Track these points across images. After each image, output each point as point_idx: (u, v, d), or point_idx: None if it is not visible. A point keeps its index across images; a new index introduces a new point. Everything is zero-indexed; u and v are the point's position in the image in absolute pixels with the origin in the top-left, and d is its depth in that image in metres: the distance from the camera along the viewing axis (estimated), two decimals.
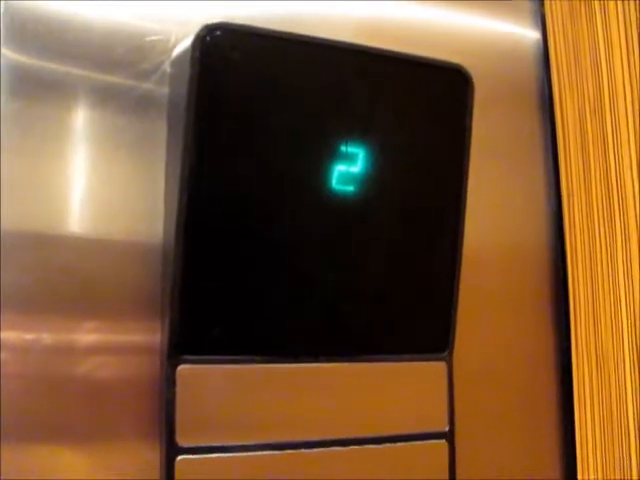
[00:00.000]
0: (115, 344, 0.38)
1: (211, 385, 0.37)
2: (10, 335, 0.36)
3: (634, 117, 0.50)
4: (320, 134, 0.39)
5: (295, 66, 0.38)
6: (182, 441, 0.36)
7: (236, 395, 0.37)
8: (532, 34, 0.54)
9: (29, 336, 0.36)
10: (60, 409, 0.36)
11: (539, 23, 0.54)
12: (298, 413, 0.39)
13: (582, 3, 0.54)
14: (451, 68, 0.42)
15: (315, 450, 0.39)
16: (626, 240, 0.50)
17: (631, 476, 0.47)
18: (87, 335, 0.37)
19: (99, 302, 0.38)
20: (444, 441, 0.42)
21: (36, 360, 0.36)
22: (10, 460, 0.35)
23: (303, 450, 0.38)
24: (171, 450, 0.36)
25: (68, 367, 0.37)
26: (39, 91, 0.38)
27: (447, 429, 0.42)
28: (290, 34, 0.38)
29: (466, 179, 0.43)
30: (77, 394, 0.37)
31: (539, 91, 0.53)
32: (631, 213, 0.49)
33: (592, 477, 0.49)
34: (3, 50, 0.37)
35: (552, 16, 0.54)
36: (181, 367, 0.36)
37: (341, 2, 0.46)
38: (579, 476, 0.49)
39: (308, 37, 0.38)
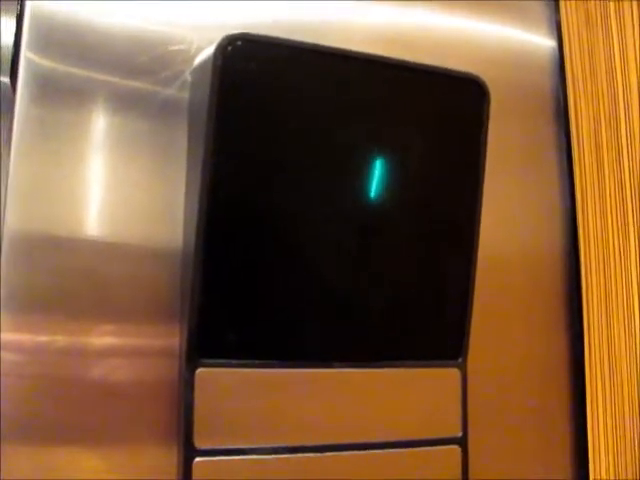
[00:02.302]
0: (132, 347, 0.39)
1: (229, 388, 0.37)
2: (27, 337, 0.36)
3: None
4: (337, 143, 0.39)
5: (313, 76, 0.39)
6: (199, 443, 0.37)
7: (253, 398, 0.38)
8: (547, 42, 0.54)
9: (47, 338, 0.37)
10: (77, 412, 0.37)
11: (554, 31, 0.54)
12: (314, 417, 0.39)
13: (598, 11, 0.54)
14: (468, 79, 0.42)
15: (330, 454, 0.39)
16: (639, 243, 0.50)
17: None
18: (104, 338, 0.38)
19: (117, 305, 0.38)
20: (457, 446, 0.42)
21: (53, 363, 0.37)
22: (27, 461, 0.36)
23: (318, 454, 0.39)
24: (188, 452, 0.36)
25: (85, 370, 0.37)
26: (62, 96, 0.38)
27: (460, 435, 0.42)
28: (309, 44, 0.38)
29: (481, 188, 0.43)
30: (94, 397, 0.37)
31: (554, 99, 0.53)
32: None
33: (604, 477, 0.49)
34: (29, 55, 0.38)
35: (568, 24, 0.54)
36: (200, 370, 0.37)
37: (356, 11, 0.46)
38: (591, 477, 0.49)
39: (327, 47, 0.39)
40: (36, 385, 0.36)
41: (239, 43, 0.36)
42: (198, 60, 0.40)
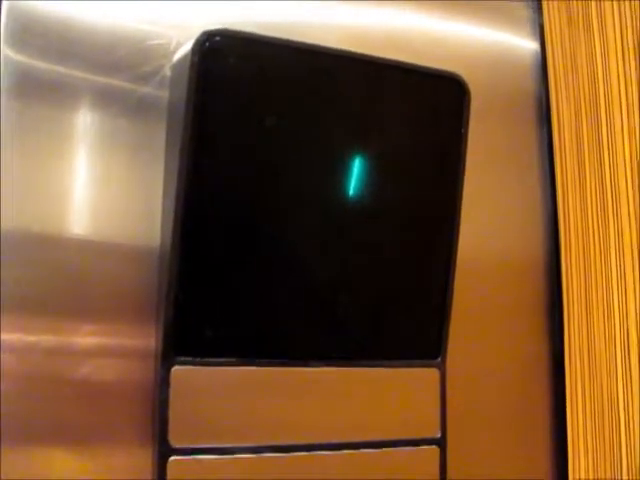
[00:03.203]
0: (111, 347, 0.38)
1: (205, 386, 0.37)
2: (7, 337, 0.36)
3: (629, 126, 0.51)
4: (317, 140, 0.39)
5: (292, 73, 0.38)
6: (175, 442, 0.36)
7: (229, 397, 0.37)
8: (529, 44, 0.54)
9: (26, 337, 0.36)
10: (56, 411, 0.37)
11: (537, 33, 0.54)
12: (290, 416, 0.39)
13: (580, 12, 0.54)
14: (448, 77, 0.42)
15: (307, 453, 0.39)
16: (619, 247, 0.50)
17: (621, 476, 0.47)
18: (84, 338, 0.38)
19: (96, 304, 0.38)
20: (436, 447, 0.42)
21: (32, 362, 0.36)
22: (8, 461, 0.35)
23: (295, 453, 0.38)
24: (164, 450, 0.36)
25: (64, 369, 0.37)
26: (40, 92, 0.38)
27: (439, 435, 0.42)
28: (289, 41, 0.38)
29: (461, 187, 0.43)
30: (73, 396, 0.37)
31: (536, 100, 0.53)
32: (625, 221, 0.50)
33: (583, 477, 0.49)
34: (5, 51, 0.37)
35: (550, 25, 0.54)
36: (175, 368, 0.36)
37: (339, 11, 0.46)
38: (570, 476, 0.49)
39: (306, 44, 0.39)
40: (16, 384, 0.36)
41: (217, 39, 0.36)
42: (177, 56, 0.40)
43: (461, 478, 0.44)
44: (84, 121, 0.39)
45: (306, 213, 0.39)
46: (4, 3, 0.38)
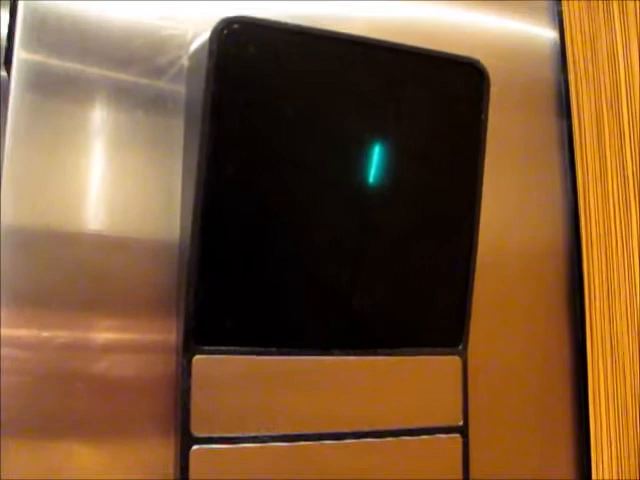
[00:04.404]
0: (132, 341, 0.38)
1: (226, 376, 0.37)
2: (25, 332, 0.36)
3: None
4: (336, 128, 0.39)
5: (312, 60, 0.38)
6: (197, 431, 0.36)
7: (251, 386, 0.37)
8: (549, 33, 0.54)
9: (45, 333, 0.36)
10: (76, 406, 0.37)
11: (556, 21, 0.54)
12: (312, 405, 0.39)
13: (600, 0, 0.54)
14: (467, 62, 0.42)
15: (329, 442, 0.39)
16: None
17: None
18: (103, 332, 0.38)
19: (115, 299, 0.38)
20: (458, 435, 0.42)
21: (53, 357, 0.36)
22: (27, 457, 0.35)
23: (316, 442, 0.38)
24: (186, 440, 0.36)
25: (83, 364, 0.37)
26: (56, 87, 0.38)
27: (461, 423, 0.42)
28: (307, 28, 0.38)
29: (482, 174, 0.42)
30: (94, 391, 0.37)
31: (555, 88, 0.53)
32: None
33: (607, 477, 0.48)
34: (20, 46, 0.37)
35: (569, 13, 0.54)
36: (196, 358, 0.36)
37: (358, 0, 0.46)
38: (594, 476, 0.49)
39: (325, 31, 0.38)
40: (34, 380, 0.36)
41: (235, 26, 0.36)
42: (194, 45, 0.40)
43: (483, 467, 0.44)
44: (102, 116, 0.39)
45: (326, 203, 0.39)
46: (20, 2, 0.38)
